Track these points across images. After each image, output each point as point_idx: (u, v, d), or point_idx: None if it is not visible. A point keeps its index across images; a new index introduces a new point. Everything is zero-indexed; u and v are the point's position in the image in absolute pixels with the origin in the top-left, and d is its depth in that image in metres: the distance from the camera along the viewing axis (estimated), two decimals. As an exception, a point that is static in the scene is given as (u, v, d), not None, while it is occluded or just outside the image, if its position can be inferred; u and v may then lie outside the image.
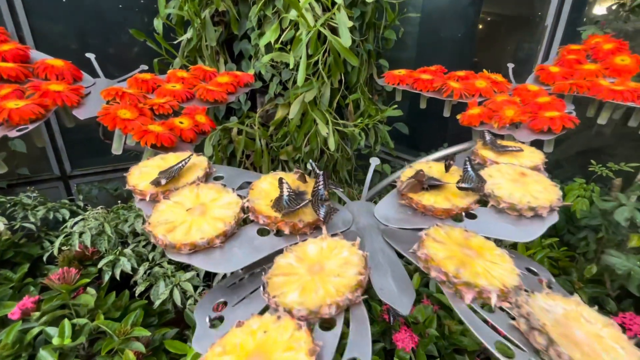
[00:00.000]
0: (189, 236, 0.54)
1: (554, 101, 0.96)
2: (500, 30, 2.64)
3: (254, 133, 1.80)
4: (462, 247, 0.56)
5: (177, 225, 0.56)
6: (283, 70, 1.73)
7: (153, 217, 0.58)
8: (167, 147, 0.82)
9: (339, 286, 0.47)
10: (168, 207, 0.60)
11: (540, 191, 0.66)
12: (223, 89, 1.11)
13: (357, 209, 0.72)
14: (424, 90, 1.15)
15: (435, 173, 0.74)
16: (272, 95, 1.74)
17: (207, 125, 0.98)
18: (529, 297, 0.48)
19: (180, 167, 0.68)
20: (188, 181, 0.67)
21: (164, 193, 0.64)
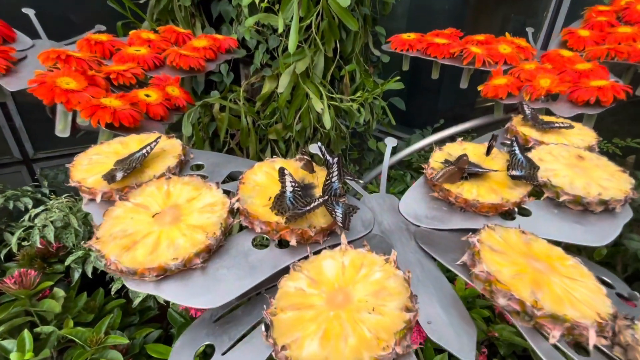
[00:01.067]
0: (156, 256, 0.38)
1: (597, 68, 0.81)
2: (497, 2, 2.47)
3: (238, 109, 1.59)
4: (528, 258, 0.42)
5: (138, 240, 0.40)
6: (270, 36, 1.51)
7: (103, 228, 0.41)
8: (129, 127, 0.63)
9: (377, 330, 0.32)
10: (126, 212, 0.43)
11: (606, 179, 0.53)
12: (200, 54, 0.91)
13: (378, 204, 0.57)
14: (440, 56, 0.98)
15: (471, 157, 0.59)
16: (258, 65, 1.53)
17: (181, 99, 0.79)
18: (632, 330, 0.35)
19: (144, 154, 0.51)
20: (156, 174, 0.50)
21: (122, 192, 0.47)
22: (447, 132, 1.10)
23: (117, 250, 0.38)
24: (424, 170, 0.59)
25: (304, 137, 1.71)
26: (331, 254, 0.42)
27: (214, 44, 0.96)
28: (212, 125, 1.72)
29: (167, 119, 0.75)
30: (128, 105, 0.65)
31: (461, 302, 0.41)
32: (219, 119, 1.62)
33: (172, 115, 0.77)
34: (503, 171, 0.56)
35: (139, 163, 0.49)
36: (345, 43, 1.63)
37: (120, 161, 0.50)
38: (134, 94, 0.70)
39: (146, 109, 0.69)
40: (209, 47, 0.94)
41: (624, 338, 0.35)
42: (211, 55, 0.94)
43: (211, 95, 1.67)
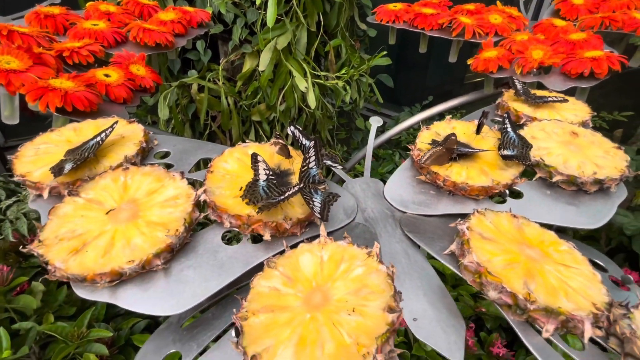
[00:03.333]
0: (109, 259, 0.34)
1: (591, 38, 0.77)
2: None
3: (218, 90, 1.51)
4: (520, 245, 0.39)
5: (88, 241, 0.35)
6: (249, 9, 1.40)
7: (48, 229, 0.36)
8: (86, 112, 0.57)
9: (358, 334, 0.29)
10: (76, 209, 0.38)
11: (601, 157, 0.50)
12: (167, 28, 0.83)
13: (361, 189, 0.53)
14: (427, 28, 0.92)
15: (460, 136, 0.55)
16: (237, 42, 1.44)
17: (147, 79, 0.72)
18: (629, 319, 0.33)
19: (98, 142, 0.45)
20: (112, 164, 0.45)
21: (72, 186, 0.42)
22: (436, 109, 1.06)
23: (62, 254, 0.34)
24: (411, 152, 0.55)
25: (289, 117, 1.64)
26: (309, 247, 0.38)
27: (183, 17, 0.88)
28: (192, 107, 1.63)
29: (131, 101, 0.68)
30: (82, 86, 0.58)
31: (449, 294, 0.38)
32: (197, 100, 1.53)
33: (137, 97, 0.71)
34: (494, 151, 0.52)
35: (92, 152, 0.44)
36: (329, 16, 1.54)
37: (71, 151, 0.45)
38: (91, 74, 0.63)
39: (105, 90, 0.62)
40: (178, 20, 0.85)
41: (620, 328, 0.32)
42: (181, 29, 0.86)
43: (188, 75, 1.57)
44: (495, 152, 0.52)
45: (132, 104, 0.69)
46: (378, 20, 1.01)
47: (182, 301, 0.33)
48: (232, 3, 1.37)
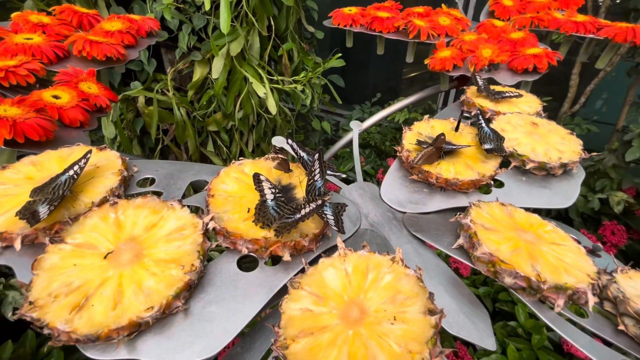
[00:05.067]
0: (122, 310, 0.30)
1: (528, 37, 0.87)
2: None
3: (168, 101, 1.41)
4: (516, 231, 0.43)
5: (90, 293, 0.31)
6: (194, 14, 1.33)
7: (36, 286, 0.31)
8: (40, 142, 0.49)
9: (406, 341, 0.30)
10: (65, 258, 0.33)
11: (560, 142, 0.57)
12: (116, 40, 0.75)
13: (359, 194, 0.54)
14: (385, 31, 0.96)
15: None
16: (185, 49, 1.36)
17: (102, 98, 0.65)
18: (616, 283, 0.38)
19: (72, 176, 0.39)
20: (94, 200, 0.39)
21: (50, 230, 0.36)
22: (398, 105, 1.11)
23: (63, 313, 0.29)
24: (398, 153, 0.57)
25: (248, 124, 1.60)
26: (330, 262, 0.38)
27: (131, 27, 0.80)
28: (139, 121, 1.50)
29: (88, 124, 0.61)
30: (31, 112, 0.50)
31: (465, 286, 0.41)
32: (146, 113, 1.42)
33: (94, 118, 0.63)
34: (474, 146, 0.56)
35: (67, 190, 0.38)
36: (278, 20, 1.53)
37: (38, 190, 0.38)
38: (36, 96, 0.55)
39: (58, 114, 0.55)
40: (126, 30, 0.78)
41: (611, 293, 0.37)
42: (131, 40, 0.78)
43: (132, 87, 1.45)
44: (476, 146, 0.56)
45: (90, 127, 0.61)
46: (335, 25, 1.03)
47: (213, 341, 0.31)
48: (175, 8, 1.29)
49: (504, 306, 1.18)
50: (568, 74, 1.64)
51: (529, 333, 1.14)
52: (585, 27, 0.90)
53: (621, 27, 0.84)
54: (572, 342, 0.33)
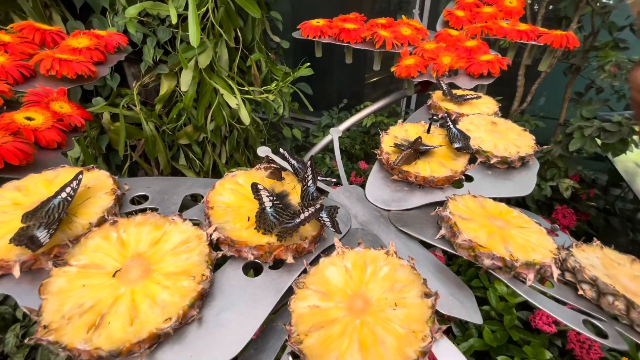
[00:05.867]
0: (141, 324, 0.30)
1: (481, 44, 0.96)
2: None
3: (135, 116, 1.37)
4: (489, 219, 0.49)
5: (105, 312, 0.31)
6: (158, 27, 1.31)
7: (47, 310, 0.30)
8: (18, 167, 0.48)
9: (409, 323, 0.33)
10: (72, 280, 0.33)
11: (517, 138, 0.64)
12: (85, 57, 0.74)
13: (346, 197, 0.57)
14: (352, 41, 1.02)
15: (413, 136, 0.64)
16: (151, 62, 1.33)
17: (76, 117, 0.64)
18: (573, 256, 0.45)
19: (66, 199, 0.39)
20: (90, 221, 0.39)
21: (49, 255, 0.36)
22: (368, 110, 1.17)
23: (81, 333, 0.29)
24: (379, 157, 0.62)
25: (220, 136, 1.59)
26: (330, 260, 0.41)
27: (99, 43, 0.78)
28: (104, 138, 1.44)
29: (65, 145, 0.59)
30: (7, 136, 0.49)
31: (450, 270, 0.45)
32: (112, 130, 1.37)
33: (70, 139, 0.61)
34: (445, 145, 0.62)
35: (63, 212, 0.38)
36: (244, 31, 1.54)
37: (30, 214, 0.38)
38: (8, 119, 0.52)
39: (34, 137, 0.53)
40: (94, 47, 0.76)
41: (570, 264, 0.44)
42: (100, 57, 0.77)
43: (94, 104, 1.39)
44: (447, 146, 0.62)
45: (67, 148, 0.60)
46: (304, 36, 1.07)
47: (229, 345, 0.32)
48: (138, 22, 1.27)
49: (477, 292, 1.27)
50: (515, 75, 1.81)
51: (501, 315, 1.23)
52: (528, 35, 1.01)
53: (557, 34, 0.96)
54: (543, 308, 0.39)
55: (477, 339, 1.20)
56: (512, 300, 1.23)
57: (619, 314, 0.39)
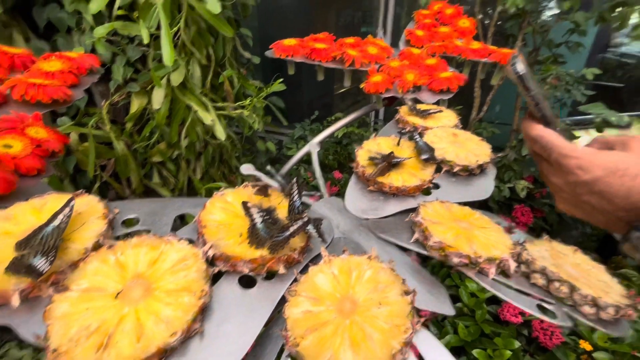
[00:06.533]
0: (148, 340, 0.32)
1: (439, 62, 1.06)
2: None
3: (105, 135, 1.34)
4: (455, 221, 0.55)
5: (111, 332, 0.33)
6: (127, 46, 1.31)
7: (54, 334, 0.32)
8: (3, 196, 0.47)
9: (392, 318, 0.38)
10: (75, 304, 0.34)
11: (476, 148, 0.72)
12: (59, 80, 0.73)
13: (327, 209, 0.62)
14: (324, 60, 1.08)
15: (385, 149, 0.70)
16: (120, 81, 1.32)
17: (55, 142, 0.64)
18: (526, 250, 0.52)
19: (59, 227, 0.40)
20: (86, 246, 0.41)
21: (47, 282, 0.37)
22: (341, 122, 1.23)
23: (90, 354, 0.31)
24: (355, 170, 0.67)
25: (194, 152, 1.59)
26: (319, 268, 0.45)
27: (72, 66, 0.78)
28: (70, 159, 1.40)
29: (44, 171, 0.59)
30: (-12, 165, 0.48)
31: (425, 270, 0.51)
32: (80, 151, 1.33)
33: (48, 164, 0.61)
34: (414, 157, 0.68)
35: (59, 239, 0.39)
36: (216, 48, 1.57)
37: (23, 243, 0.38)
38: (-15, 148, 0.52)
39: (14, 164, 0.53)
40: (68, 69, 0.76)
41: (524, 257, 0.51)
42: (74, 80, 0.77)
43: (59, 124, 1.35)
44: (415, 157, 0.68)
45: (46, 174, 0.59)
46: (277, 56, 1.12)
47: (233, 353, 0.35)
48: (107, 41, 1.26)
49: (450, 290, 1.35)
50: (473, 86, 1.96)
51: (473, 310, 1.32)
52: (479, 53, 1.12)
53: (504, 52, 1.08)
54: (504, 297, 0.45)
55: (452, 335, 1.28)
56: (482, 295, 1.32)
57: (565, 296, 0.45)
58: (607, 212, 0.38)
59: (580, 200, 0.39)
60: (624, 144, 0.38)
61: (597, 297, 0.44)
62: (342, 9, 2.99)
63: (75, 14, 1.20)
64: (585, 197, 0.39)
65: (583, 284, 0.47)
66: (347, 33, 1.22)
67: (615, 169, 0.36)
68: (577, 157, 0.38)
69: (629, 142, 0.38)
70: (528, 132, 0.42)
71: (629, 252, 0.37)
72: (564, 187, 0.40)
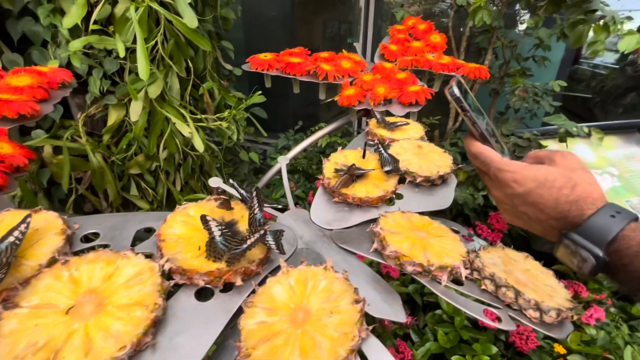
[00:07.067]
0: (96, 355, 0.33)
1: (409, 76, 1.10)
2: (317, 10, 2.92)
3: (81, 148, 1.33)
4: (413, 231, 0.57)
5: (59, 347, 0.33)
6: (105, 59, 1.31)
7: (2, 351, 0.32)
8: (-43, 212, 0.47)
9: (341, 327, 0.39)
10: (24, 321, 0.35)
11: (438, 159, 0.75)
12: (28, 96, 0.73)
13: (292, 220, 0.63)
14: (298, 74, 1.11)
15: (352, 161, 0.73)
16: (97, 93, 1.32)
17: (19, 157, 0.63)
18: (479, 258, 0.54)
19: (14, 243, 0.40)
20: (40, 262, 0.41)
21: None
22: (319, 134, 1.25)
23: (34, 371, 0.31)
24: (321, 181, 0.69)
25: (174, 164, 1.59)
26: (276, 279, 0.46)
27: (42, 80, 0.79)
28: (44, 172, 1.38)
29: (7, 187, 0.59)
30: (-55, 182, 0.48)
31: (382, 279, 0.52)
32: (54, 164, 1.31)
33: (12, 181, 0.61)
34: (378, 169, 0.71)
35: (11, 256, 0.39)
36: (195, 60, 1.59)
37: (-25, 261, 0.38)
38: (-56, 164, 0.52)
39: (-26, 181, 0.53)
40: (38, 84, 0.76)
41: (476, 265, 0.53)
42: (43, 94, 0.77)
43: (33, 137, 1.33)
44: (379, 169, 0.71)
45: (10, 190, 0.59)
46: (253, 69, 1.14)
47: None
48: (83, 54, 1.26)
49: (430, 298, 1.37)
50: (448, 98, 2.03)
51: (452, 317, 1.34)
52: (448, 67, 1.17)
53: (471, 67, 1.13)
54: (453, 302, 0.47)
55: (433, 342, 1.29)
56: (458, 301, 1.34)
57: (511, 301, 0.48)
58: (542, 221, 0.41)
59: (518, 211, 0.42)
60: (550, 159, 0.41)
61: (540, 302, 0.46)
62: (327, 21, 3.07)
63: (51, 27, 1.20)
64: (521, 208, 0.41)
65: (530, 289, 0.49)
66: (332, 44, 1.25)
67: (544, 180, 0.39)
68: (511, 171, 0.41)
69: (554, 157, 0.41)
70: (469, 149, 0.45)
71: (562, 258, 0.40)
72: (504, 199, 0.43)
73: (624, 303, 1.48)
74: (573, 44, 1.16)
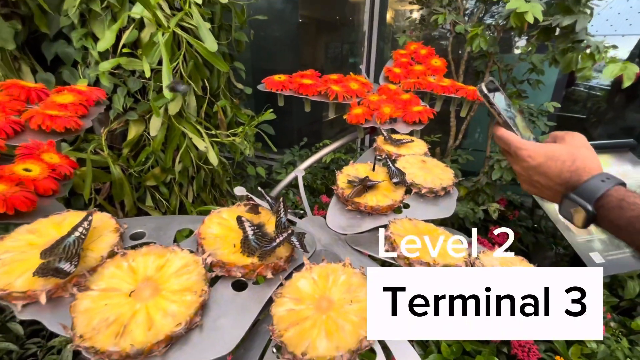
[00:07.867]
0: (157, 329, 0.39)
1: (413, 97, 1.19)
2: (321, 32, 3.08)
3: (102, 160, 1.41)
4: (420, 235, 0.64)
5: (126, 323, 0.39)
6: (128, 78, 1.41)
7: (79, 324, 0.38)
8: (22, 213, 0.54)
9: (361, 313, 0.45)
10: (95, 301, 0.41)
11: (441, 173, 0.83)
12: (71, 111, 0.82)
13: (310, 225, 0.70)
14: (310, 94, 1.20)
15: (362, 174, 0.80)
16: (121, 110, 1.41)
17: (65, 166, 0.71)
18: (478, 259, 0.61)
19: (80, 237, 0.47)
20: (102, 254, 0.48)
21: (69, 284, 0.43)
22: (327, 149, 1.33)
23: (110, 340, 0.37)
24: (335, 192, 0.76)
25: (187, 177, 1.66)
26: (301, 274, 0.52)
27: (82, 98, 0.87)
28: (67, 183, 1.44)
29: (58, 192, 0.66)
30: (14, 186, 0.56)
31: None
32: (77, 175, 1.38)
33: (61, 186, 0.68)
34: (386, 180, 0.78)
35: (80, 247, 0.46)
36: (211, 80, 1.69)
37: (48, 251, 0.45)
38: (9, 171, 0.59)
39: (34, 186, 0.60)
40: (79, 102, 0.85)
41: (477, 265, 0.59)
42: (83, 111, 0.85)
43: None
44: (388, 181, 0.78)
45: (60, 195, 0.66)
46: (268, 89, 1.23)
47: (227, 342, 0.42)
48: (109, 73, 1.36)
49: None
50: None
51: (454, 327, 1.37)
52: (449, 89, 1.27)
53: (470, 89, 1.22)
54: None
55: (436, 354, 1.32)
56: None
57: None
58: (550, 188, 0.49)
59: (533, 180, 0.51)
60: (561, 138, 0.51)
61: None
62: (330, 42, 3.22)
63: (82, 49, 1.31)
64: (535, 178, 0.50)
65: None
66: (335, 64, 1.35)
67: (552, 155, 0.48)
68: (527, 149, 0.50)
69: (564, 137, 0.50)
70: (495, 133, 0.54)
71: (564, 214, 0.48)
72: (522, 172, 0.52)
73: (623, 317, 1.51)
74: (563, 70, 1.25)
